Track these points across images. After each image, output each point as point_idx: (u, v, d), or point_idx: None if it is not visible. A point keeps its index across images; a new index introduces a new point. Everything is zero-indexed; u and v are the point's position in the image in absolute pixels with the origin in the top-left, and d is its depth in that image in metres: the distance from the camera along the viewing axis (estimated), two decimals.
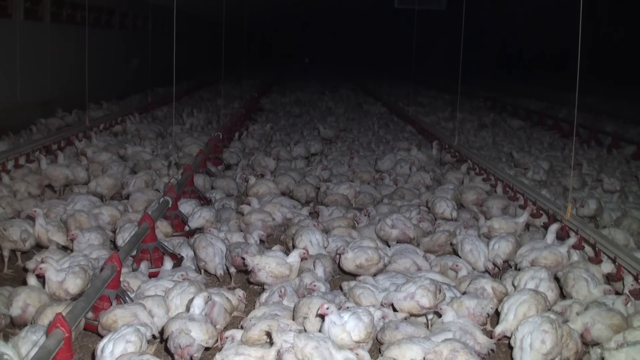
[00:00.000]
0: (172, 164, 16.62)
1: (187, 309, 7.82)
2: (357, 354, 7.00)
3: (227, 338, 7.51)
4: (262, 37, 78.91)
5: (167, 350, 7.68)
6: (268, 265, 9.48)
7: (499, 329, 8.07)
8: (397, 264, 10.34)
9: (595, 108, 33.29)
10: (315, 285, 9.22)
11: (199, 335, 7.38)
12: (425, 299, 8.40)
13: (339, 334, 7.25)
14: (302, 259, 9.76)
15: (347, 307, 7.75)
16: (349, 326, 7.30)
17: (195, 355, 7.37)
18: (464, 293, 9.14)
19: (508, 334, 7.91)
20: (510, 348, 7.59)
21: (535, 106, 34.25)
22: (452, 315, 8.07)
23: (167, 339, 7.49)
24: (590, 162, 20.08)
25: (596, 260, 10.46)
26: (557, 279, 9.76)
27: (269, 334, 7.26)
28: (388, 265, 10.39)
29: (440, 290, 8.61)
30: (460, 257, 10.76)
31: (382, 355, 7.50)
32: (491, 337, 7.89)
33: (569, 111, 29.88)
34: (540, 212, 12.96)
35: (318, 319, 7.68)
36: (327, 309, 7.33)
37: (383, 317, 8.03)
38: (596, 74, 48.81)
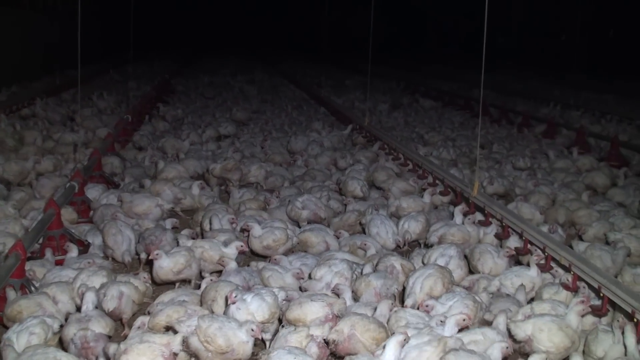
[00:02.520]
0: (78, 147, 16.26)
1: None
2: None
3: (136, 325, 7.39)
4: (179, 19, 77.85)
5: None
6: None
7: (409, 302, 8.18)
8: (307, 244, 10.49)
9: (507, 88, 33.91)
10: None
11: (99, 330, 7.24)
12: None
13: (243, 315, 7.19)
14: (240, 252, 9.67)
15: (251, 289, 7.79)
16: (252, 307, 7.26)
17: (100, 352, 7.26)
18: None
19: (416, 307, 8.01)
20: None
21: (447, 86, 34.63)
22: (349, 297, 8.14)
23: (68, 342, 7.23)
24: (501, 140, 20.43)
25: (504, 235, 10.66)
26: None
27: (169, 328, 7.17)
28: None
29: (354, 274, 8.75)
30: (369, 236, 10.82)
31: (284, 318, 7.53)
32: None
33: (480, 91, 30.25)
34: (449, 190, 13.14)
35: (226, 302, 7.60)
36: (235, 297, 7.29)
37: (287, 300, 8.01)
38: (507, 54, 49.67)
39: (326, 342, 7.10)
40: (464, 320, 6.99)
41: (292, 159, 16.64)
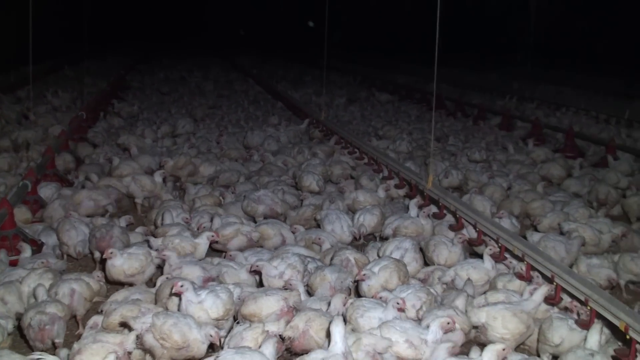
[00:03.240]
0: (30, 146, 16.05)
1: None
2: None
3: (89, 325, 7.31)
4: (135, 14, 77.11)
5: (26, 342, 7.43)
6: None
7: (365, 286, 8.25)
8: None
9: (463, 81, 34.07)
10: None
11: (54, 311, 7.23)
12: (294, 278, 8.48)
13: (196, 312, 7.15)
14: (212, 242, 9.60)
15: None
16: (206, 304, 7.23)
17: (56, 340, 7.18)
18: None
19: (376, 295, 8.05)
20: None
21: (404, 80, 34.73)
22: (302, 290, 8.13)
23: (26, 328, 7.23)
24: (457, 133, 20.53)
25: (457, 227, 10.71)
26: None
27: (124, 324, 7.09)
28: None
29: (306, 268, 8.77)
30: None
31: (239, 314, 7.49)
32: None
33: (437, 85, 30.36)
34: (404, 182, 13.18)
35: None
36: (182, 286, 7.23)
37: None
38: (464, 46, 49.85)
39: (282, 338, 7.08)
40: (448, 323, 6.98)
41: (248, 154, 16.54)
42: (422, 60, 25.99)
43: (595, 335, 7.02)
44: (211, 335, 6.79)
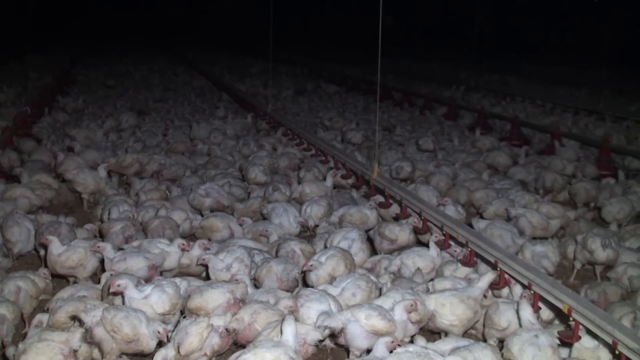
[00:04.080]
0: None
1: None
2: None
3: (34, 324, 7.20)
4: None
5: None
6: None
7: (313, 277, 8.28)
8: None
9: (410, 72, 34.29)
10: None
11: (4, 314, 7.13)
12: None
13: (141, 308, 7.07)
14: (182, 250, 9.36)
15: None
16: (152, 299, 7.17)
17: (5, 339, 7.08)
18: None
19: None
20: None
21: (351, 72, 34.82)
22: (248, 283, 8.09)
23: None
24: (404, 123, 20.62)
25: (402, 215, 10.81)
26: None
27: (74, 317, 6.97)
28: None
29: (253, 260, 8.78)
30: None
31: (185, 308, 7.45)
32: None
33: (384, 76, 30.50)
34: (350, 173, 13.22)
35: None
36: (119, 285, 7.17)
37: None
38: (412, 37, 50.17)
39: (227, 331, 7.06)
40: (411, 305, 7.04)
41: (192, 144, 16.45)
42: (369, 51, 26.13)
43: (527, 309, 7.13)
44: (159, 332, 6.73)
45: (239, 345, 7.15)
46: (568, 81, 32.18)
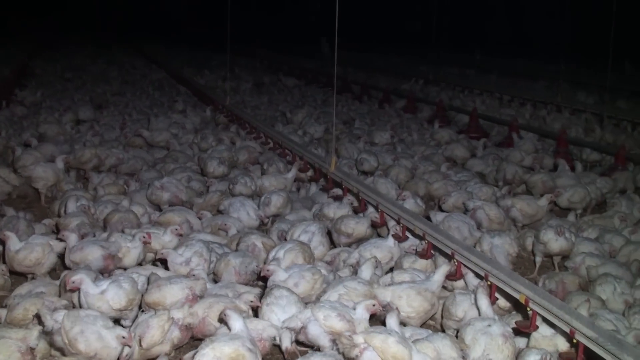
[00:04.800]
0: None
1: None
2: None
3: None
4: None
5: None
6: None
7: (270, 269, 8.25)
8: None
9: (370, 65, 34.36)
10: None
11: None
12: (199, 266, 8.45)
13: (97, 303, 7.04)
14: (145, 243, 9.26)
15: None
16: (108, 295, 7.12)
17: None
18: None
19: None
20: None
21: (310, 65, 34.83)
22: (206, 277, 8.09)
23: None
24: (362, 116, 20.67)
25: (361, 209, 10.85)
26: None
27: (37, 315, 6.91)
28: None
29: (212, 254, 8.77)
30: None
31: (143, 302, 7.42)
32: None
33: (343, 69, 30.58)
34: (308, 166, 13.26)
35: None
36: (73, 282, 7.12)
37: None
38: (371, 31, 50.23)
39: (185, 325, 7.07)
40: (373, 305, 7.06)
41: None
42: (329, 45, 26.12)
43: (484, 299, 7.22)
44: (123, 337, 6.55)
45: (196, 339, 7.17)
46: (526, 74, 32.46)
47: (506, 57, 40.08)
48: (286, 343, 6.96)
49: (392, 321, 6.54)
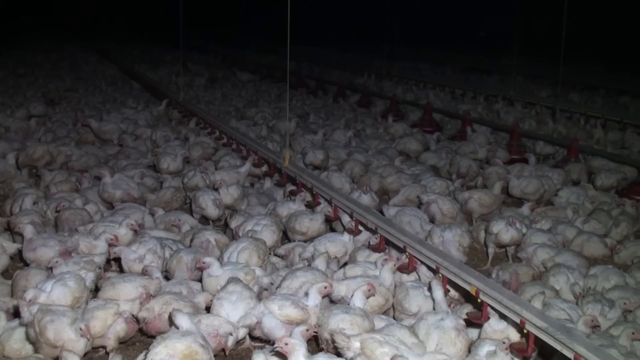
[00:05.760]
0: None
1: None
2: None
3: None
4: None
5: None
6: None
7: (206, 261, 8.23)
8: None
9: (324, 60, 34.39)
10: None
11: None
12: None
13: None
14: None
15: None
16: (54, 295, 7.06)
17: None
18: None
19: None
20: None
21: (265, 60, 34.76)
22: (159, 275, 8.04)
23: None
24: (317, 111, 20.70)
25: (314, 203, 10.89)
26: None
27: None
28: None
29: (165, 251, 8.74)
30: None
31: (97, 299, 7.33)
32: None
33: (297, 64, 30.56)
34: (262, 161, 13.25)
35: None
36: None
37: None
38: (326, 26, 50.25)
39: (137, 319, 7.04)
40: (325, 287, 7.16)
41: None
42: (282, 39, 26.09)
43: (439, 291, 7.29)
44: (81, 329, 6.52)
45: (148, 335, 7.14)
46: (479, 68, 32.74)
47: (460, 52, 40.32)
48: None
49: (357, 299, 6.77)
